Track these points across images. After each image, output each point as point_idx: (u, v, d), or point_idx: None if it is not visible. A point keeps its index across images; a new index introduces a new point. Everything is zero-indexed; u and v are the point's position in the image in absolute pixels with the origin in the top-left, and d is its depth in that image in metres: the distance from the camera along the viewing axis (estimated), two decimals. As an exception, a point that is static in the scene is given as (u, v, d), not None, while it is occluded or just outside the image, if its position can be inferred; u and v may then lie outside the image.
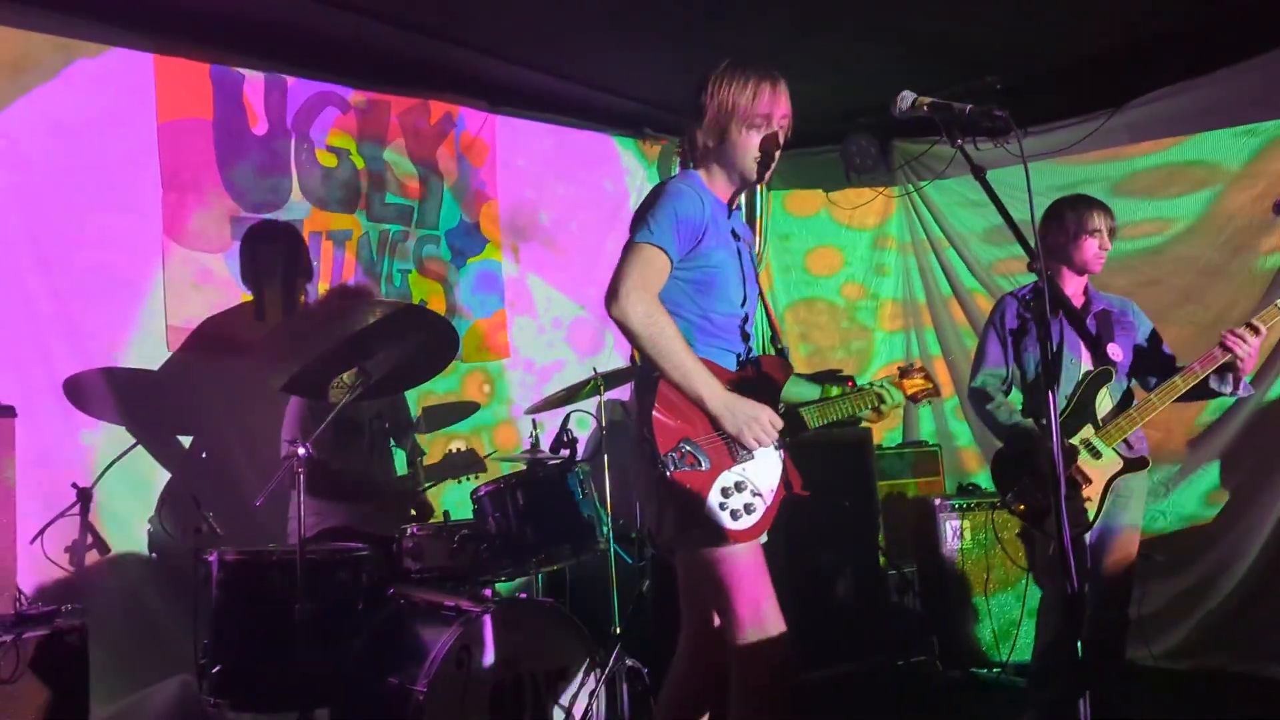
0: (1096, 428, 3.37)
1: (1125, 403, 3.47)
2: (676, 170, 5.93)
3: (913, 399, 2.86)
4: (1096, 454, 3.35)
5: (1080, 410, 3.39)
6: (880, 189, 5.98)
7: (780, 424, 2.50)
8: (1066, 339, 3.40)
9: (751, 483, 2.46)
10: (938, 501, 4.89)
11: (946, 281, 5.81)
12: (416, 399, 4.36)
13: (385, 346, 3.21)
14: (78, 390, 3.77)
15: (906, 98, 2.32)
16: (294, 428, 3.77)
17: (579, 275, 5.42)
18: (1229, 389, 3.41)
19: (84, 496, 3.56)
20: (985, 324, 3.76)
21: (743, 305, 2.64)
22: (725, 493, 2.42)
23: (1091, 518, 3.32)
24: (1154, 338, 3.58)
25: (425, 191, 4.90)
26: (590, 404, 3.96)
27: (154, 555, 3.85)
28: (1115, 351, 3.48)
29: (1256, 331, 3.26)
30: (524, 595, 4.09)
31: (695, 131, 2.62)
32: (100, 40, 3.94)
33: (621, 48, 4.79)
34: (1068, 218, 3.52)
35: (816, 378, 2.83)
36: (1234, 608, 4.55)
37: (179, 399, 4.04)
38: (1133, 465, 3.41)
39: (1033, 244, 2.02)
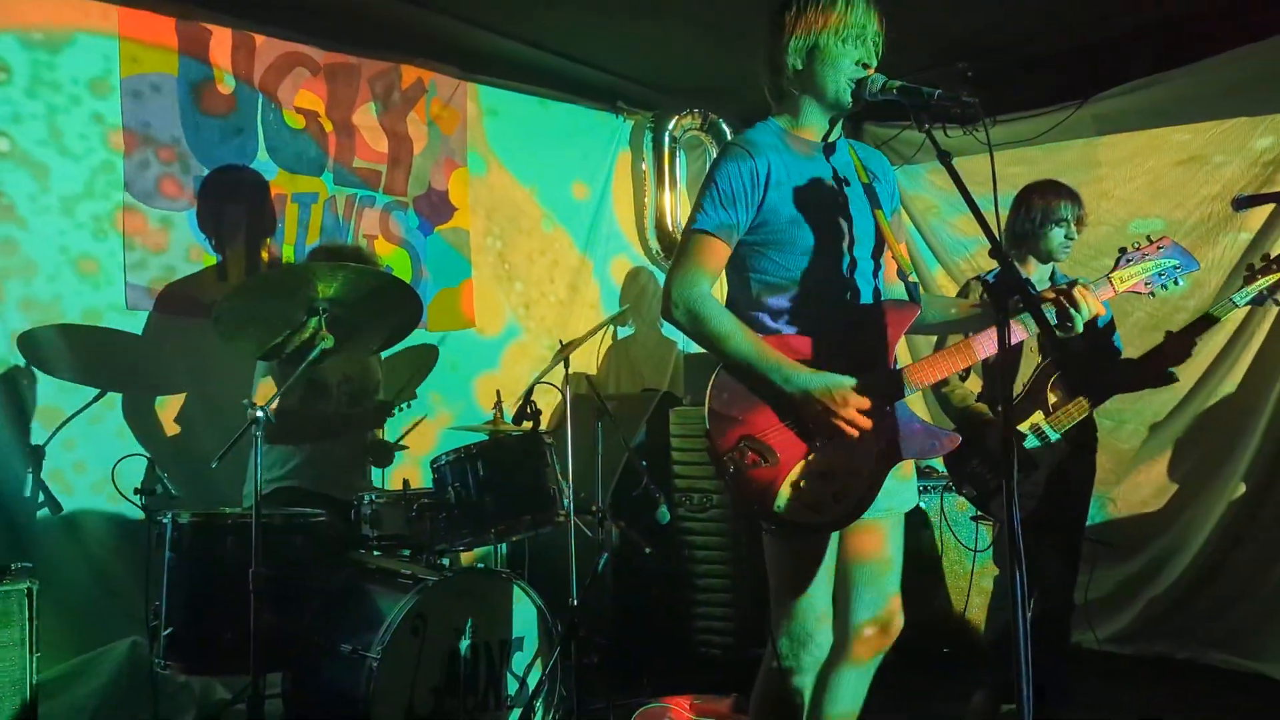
0: (1047, 414, 3.41)
1: (1076, 390, 3.50)
2: (648, 145, 5.90)
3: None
4: (1046, 439, 3.39)
5: (1033, 396, 3.42)
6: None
7: (866, 403, 2.24)
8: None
9: (841, 466, 2.25)
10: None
11: (913, 267, 5.83)
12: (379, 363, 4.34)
13: (347, 311, 3.18)
14: (33, 346, 3.72)
15: (876, 80, 2.31)
16: (260, 388, 3.74)
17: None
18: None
19: (36, 454, 3.52)
20: None
21: (848, 249, 2.39)
22: (797, 486, 2.23)
23: (1036, 502, 3.35)
24: (1109, 329, 3.63)
25: (394, 157, 4.86)
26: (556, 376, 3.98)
27: (95, 504, 3.80)
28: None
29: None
30: (480, 565, 4.10)
31: (777, 59, 2.40)
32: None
33: (598, 19, 4.76)
34: (1035, 205, 3.52)
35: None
36: (1178, 595, 4.65)
37: (135, 357, 3.99)
38: (1080, 452, 3.45)
39: (997, 231, 2.03)
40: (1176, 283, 2.59)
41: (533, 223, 5.43)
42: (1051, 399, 3.43)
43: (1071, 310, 2.30)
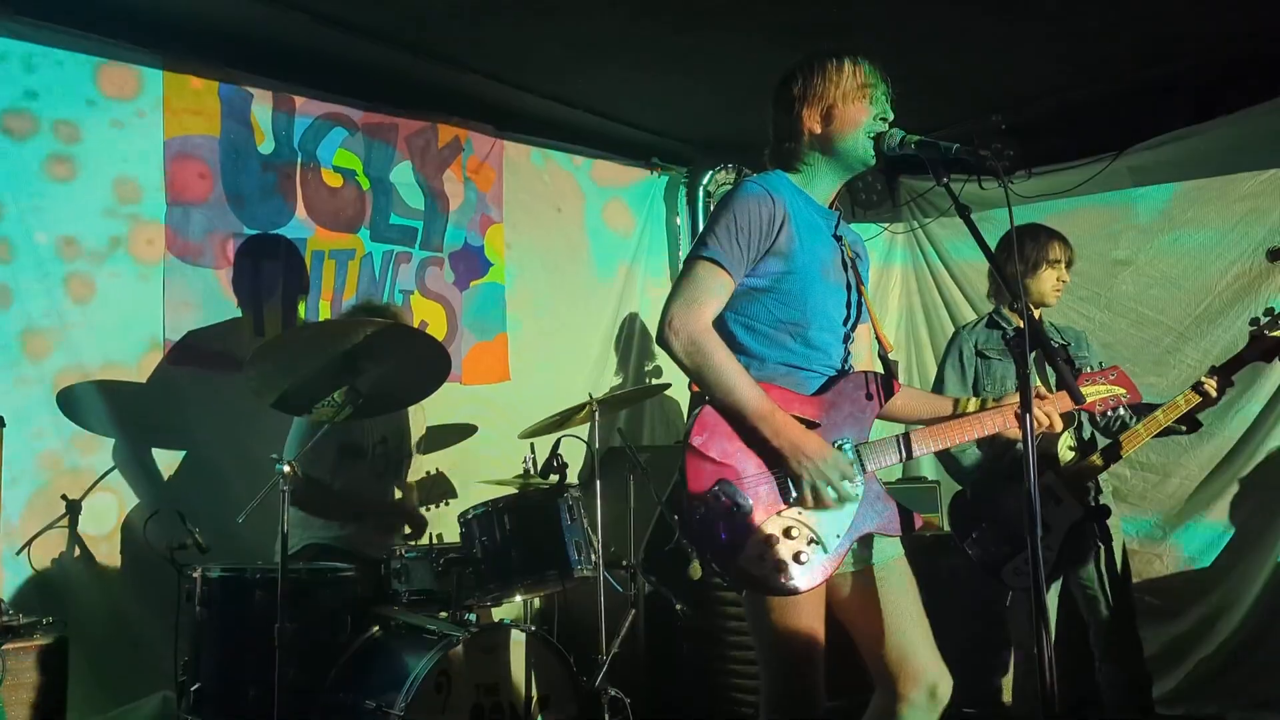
0: (1057, 473, 3.28)
1: (1087, 448, 3.37)
2: (683, 201, 5.94)
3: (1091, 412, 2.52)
4: (1058, 500, 3.25)
5: (1040, 455, 3.26)
6: (885, 225, 5.98)
7: (853, 474, 2.21)
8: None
9: (808, 528, 2.17)
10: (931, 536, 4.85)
11: (949, 318, 5.79)
12: (420, 427, 4.35)
13: (374, 365, 3.20)
14: (72, 402, 3.79)
15: (895, 135, 2.30)
16: (295, 446, 3.76)
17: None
18: (1185, 428, 3.32)
19: (73, 509, 3.57)
20: (943, 357, 3.65)
21: (833, 314, 2.37)
22: (770, 541, 2.14)
23: (1051, 567, 3.21)
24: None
25: (430, 213, 4.93)
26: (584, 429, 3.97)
27: (126, 559, 3.84)
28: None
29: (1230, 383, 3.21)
30: (508, 621, 4.06)
31: (792, 121, 2.39)
32: (109, 56, 4.00)
33: (631, 77, 4.83)
34: (1026, 248, 3.40)
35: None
36: (1229, 654, 4.49)
37: (172, 412, 4.05)
38: (1093, 514, 3.30)
39: (999, 280, 2.01)
40: (1120, 410, 2.56)
41: (567, 277, 5.47)
42: (1065, 457, 3.32)
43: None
